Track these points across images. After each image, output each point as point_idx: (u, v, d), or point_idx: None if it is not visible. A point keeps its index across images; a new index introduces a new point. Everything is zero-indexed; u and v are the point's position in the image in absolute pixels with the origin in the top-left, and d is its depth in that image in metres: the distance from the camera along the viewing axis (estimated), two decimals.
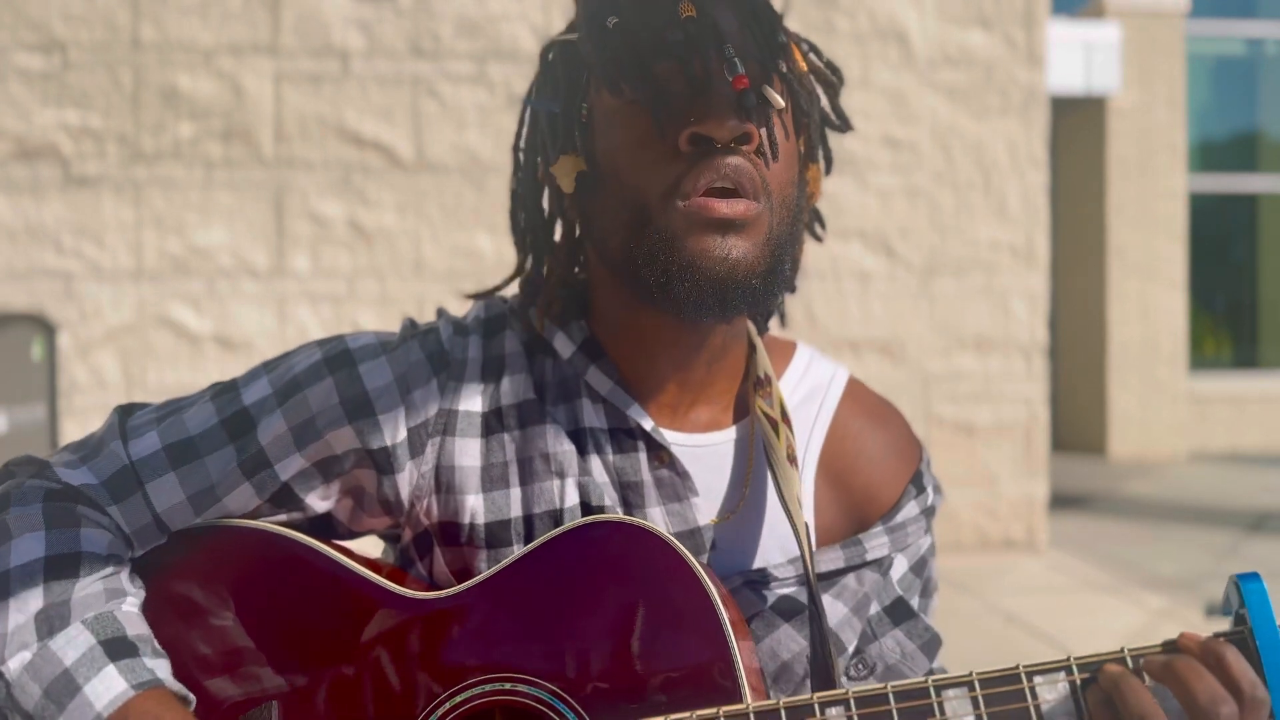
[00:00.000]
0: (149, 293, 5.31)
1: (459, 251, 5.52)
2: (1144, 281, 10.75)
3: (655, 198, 0.99)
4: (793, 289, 1.13)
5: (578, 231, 1.11)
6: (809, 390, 1.17)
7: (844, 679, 1.09)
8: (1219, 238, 11.88)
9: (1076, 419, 11.13)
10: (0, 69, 5.22)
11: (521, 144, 1.14)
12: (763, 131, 1.01)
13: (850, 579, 1.10)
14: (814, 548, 1.08)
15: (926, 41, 5.93)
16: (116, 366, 5.27)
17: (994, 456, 6.03)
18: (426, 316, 5.20)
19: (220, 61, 5.34)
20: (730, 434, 1.11)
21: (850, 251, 5.85)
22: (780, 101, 1.02)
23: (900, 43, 5.91)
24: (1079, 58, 10.16)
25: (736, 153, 0.98)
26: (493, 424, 1.06)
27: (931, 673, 1.12)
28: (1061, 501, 7.44)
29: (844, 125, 1.14)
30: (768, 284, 1.02)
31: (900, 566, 1.14)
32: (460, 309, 1.22)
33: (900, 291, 5.93)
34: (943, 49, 5.96)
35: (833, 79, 1.14)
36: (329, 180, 5.42)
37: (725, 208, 0.98)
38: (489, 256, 5.52)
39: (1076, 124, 10.91)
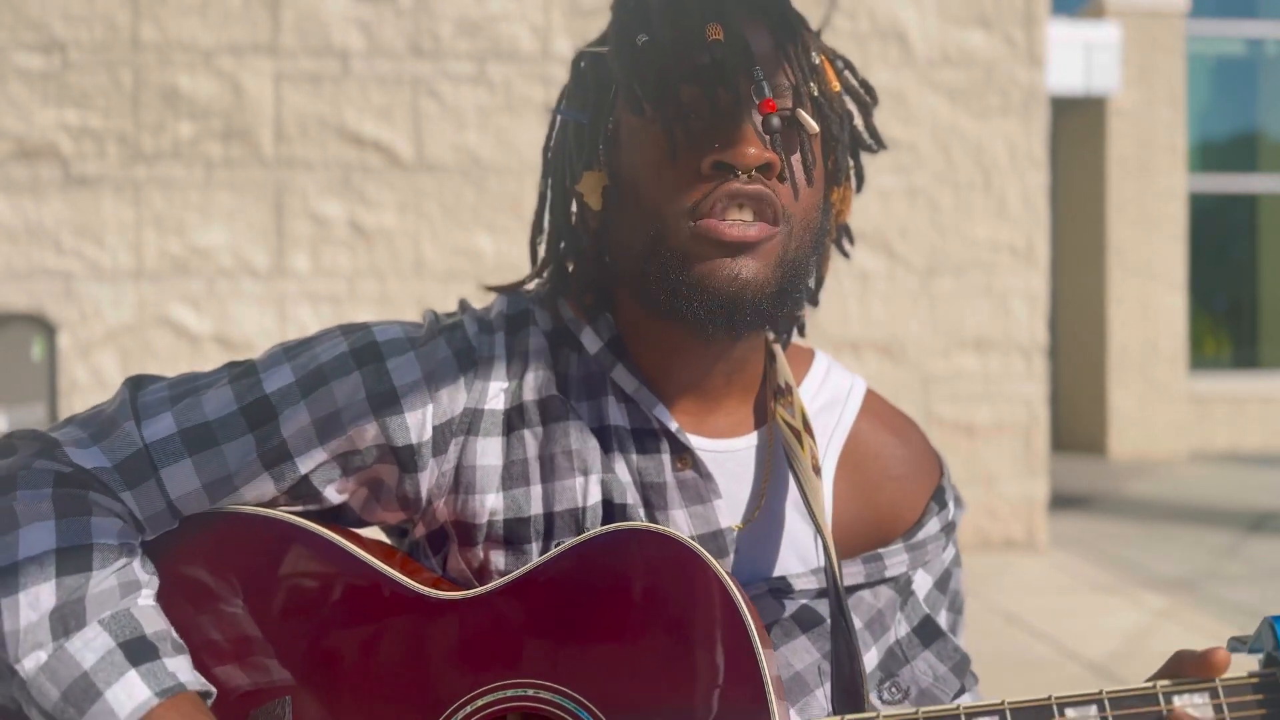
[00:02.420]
0: (149, 293, 5.30)
1: (459, 251, 5.52)
2: (1144, 281, 10.75)
3: (671, 218, 0.99)
4: (815, 302, 1.14)
5: (601, 243, 1.10)
6: (827, 400, 1.16)
7: (877, 701, 1.08)
8: (1219, 238, 11.87)
9: (1076, 419, 11.13)
10: (0, 69, 5.22)
11: (550, 150, 1.14)
12: (793, 158, 1.01)
13: (866, 593, 1.09)
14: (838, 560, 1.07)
15: (926, 41, 5.93)
16: (116, 366, 5.27)
17: (994, 456, 6.03)
18: None
19: (220, 61, 5.34)
20: (752, 440, 1.11)
21: (850, 251, 5.84)
22: (814, 126, 1.02)
23: (900, 43, 5.91)
24: (1079, 58, 10.16)
25: (757, 181, 0.98)
26: (515, 421, 1.05)
27: (964, 689, 1.11)
28: (1061, 501, 7.43)
29: (877, 144, 1.14)
30: (777, 304, 1.02)
31: (925, 583, 1.14)
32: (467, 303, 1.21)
33: (900, 291, 5.93)
34: (942, 49, 5.96)
35: (866, 98, 1.13)
36: (329, 180, 5.42)
37: (737, 230, 0.98)
38: (489, 256, 5.52)
39: (1076, 124, 10.91)
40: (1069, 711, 0.89)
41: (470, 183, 5.53)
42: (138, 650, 0.93)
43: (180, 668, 0.95)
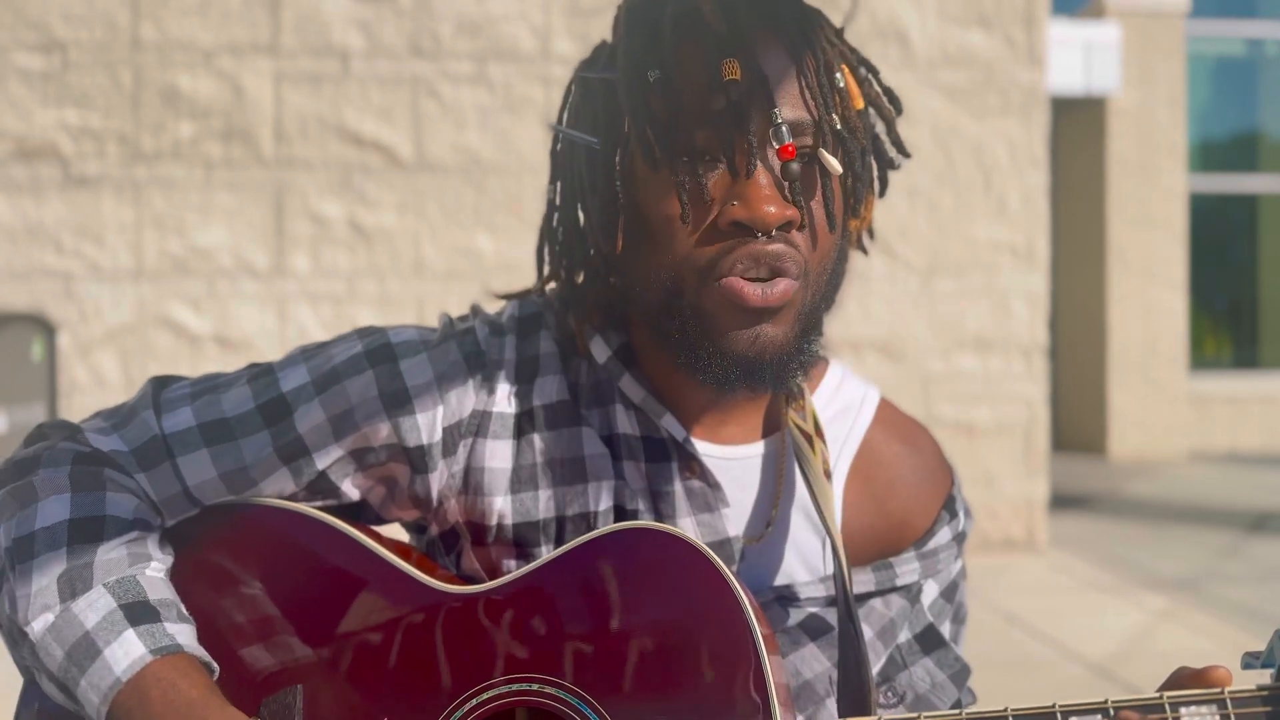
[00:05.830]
0: (149, 293, 5.30)
1: (459, 251, 5.52)
2: (1144, 281, 10.75)
3: (691, 273, 0.97)
4: (830, 308, 1.10)
5: (615, 268, 1.07)
6: (840, 409, 1.15)
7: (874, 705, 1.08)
8: (1219, 238, 11.87)
9: (1076, 419, 11.13)
10: (0, 69, 5.22)
11: (557, 158, 1.10)
12: (813, 203, 0.98)
13: (877, 602, 1.09)
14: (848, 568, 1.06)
15: (926, 41, 5.93)
16: (116, 366, 5.27)
17: (994, 456, 6.03)
18: (426, 317, 5.20)
19: (220, 61, 5.34)
20: (759, 448, 1.10)
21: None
22: (837, 167, 0.98)
23: (900, 42, 5.91)
24: (1079, 58, 10.16)
25: (778, 239, 0.95)
26: (524, 425, 1.06)
27: (959, 703, 1.10)
28: (1061, 501, 7.43)
29: (901, 156, 1.09)
30: (798, 356, 1.01)
31: (931, 592, 1.13)
32: (460, 307, 1.21)
33: (900, 291, 5.93)
34: (943, 49, 5.95)
35: (890, 109, 1.08)
36: (329, 180, 5.42)
37: (759, 297, 0.96)
38: (489, 256, 5.52)
39: (1076, 124, 10.91)
40: (1073, 719, 0.87)
41: (470, 183, 5.53)
42: (138, 612, 0.95)
43: (180, 632, 0.96)
